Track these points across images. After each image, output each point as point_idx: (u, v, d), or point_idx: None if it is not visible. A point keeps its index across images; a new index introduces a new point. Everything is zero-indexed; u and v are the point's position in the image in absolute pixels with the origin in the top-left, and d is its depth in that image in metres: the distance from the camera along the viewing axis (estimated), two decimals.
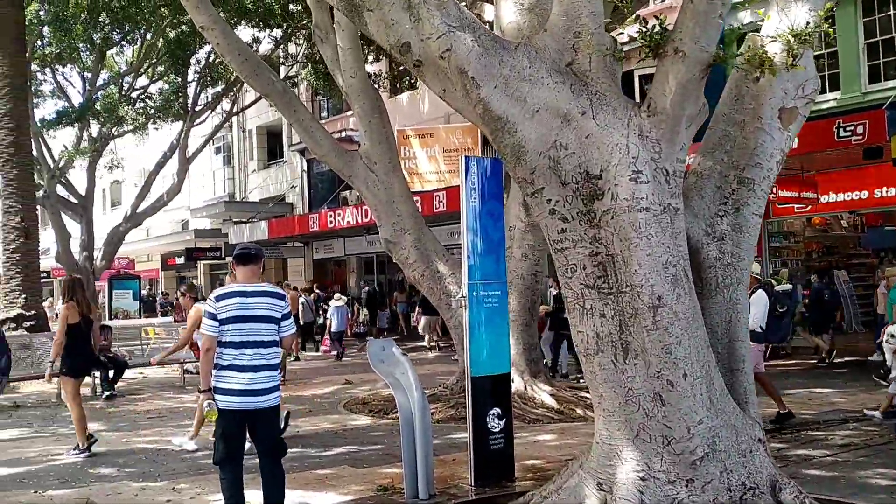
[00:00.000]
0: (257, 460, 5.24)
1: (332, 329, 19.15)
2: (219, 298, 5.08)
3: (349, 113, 28.86)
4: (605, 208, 4.28)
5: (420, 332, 20.70)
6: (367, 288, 25.54)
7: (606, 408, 4.47)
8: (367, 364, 6.69)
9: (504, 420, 6.64)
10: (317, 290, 24.84)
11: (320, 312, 22.38)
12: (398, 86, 27.52)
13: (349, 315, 20.71)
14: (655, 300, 4.23)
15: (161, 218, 41.25)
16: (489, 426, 6.55)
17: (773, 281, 9.94)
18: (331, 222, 25.24)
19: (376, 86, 18.77)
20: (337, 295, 21.33)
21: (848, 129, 13.55)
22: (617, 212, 4.24)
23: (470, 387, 6.48)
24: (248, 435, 5.21)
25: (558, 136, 4.35)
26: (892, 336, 8.65)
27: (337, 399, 12.03)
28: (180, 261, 37.28)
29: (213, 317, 5.02)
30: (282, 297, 5.24)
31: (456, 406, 10.22)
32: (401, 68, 27.45)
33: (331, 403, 11.63)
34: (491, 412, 6.56)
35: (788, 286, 10.15)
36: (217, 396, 5.01)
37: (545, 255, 11.15)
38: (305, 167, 32.12)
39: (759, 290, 9.19)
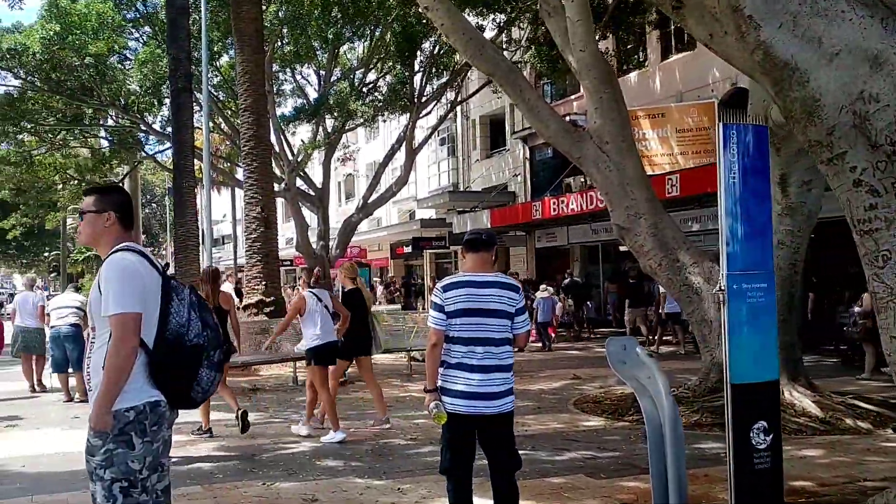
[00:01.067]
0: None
1: (538, 320, 18.92)
2: (446, 288, 4.56)
3: (573, 97, 28.02)
4: None
5: (627, 324, 19.76)
6: (568, 279, 24.73)
7: None
8: (595, 358, 5.98)
9: (771, 435, 5.59)
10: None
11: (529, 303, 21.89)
12: (626, 66, 26.24)
13: (555, 305, 20.04)
14: None
15: (390, 209, 42.79)
16: (753, 442, 5.54)
17: None
18: (554, 210, 24.56)
19: None
20: (542, 286, 21.01)
21: None
22: None
23: (730, 396, 5.50)
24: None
25: (867, 84, 3.35)
26: None
27: (566, 396, 11.34)
28: (407, 250, 38.25)
29: (439, 308, 4.51)
30: (517, 290, 4.63)
31: (701, 411, 9.18)
32: (628, 47, 26.16)
33: (559, 401, 10.95)
34: (755, 426, 5.54)
35: None
36: (444, 398, 4.49)
37: (805, 241, 9.76)
38: (528, 155, 31.67)
39: None
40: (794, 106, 3.51)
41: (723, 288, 5.47)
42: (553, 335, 19.91)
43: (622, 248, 27.23)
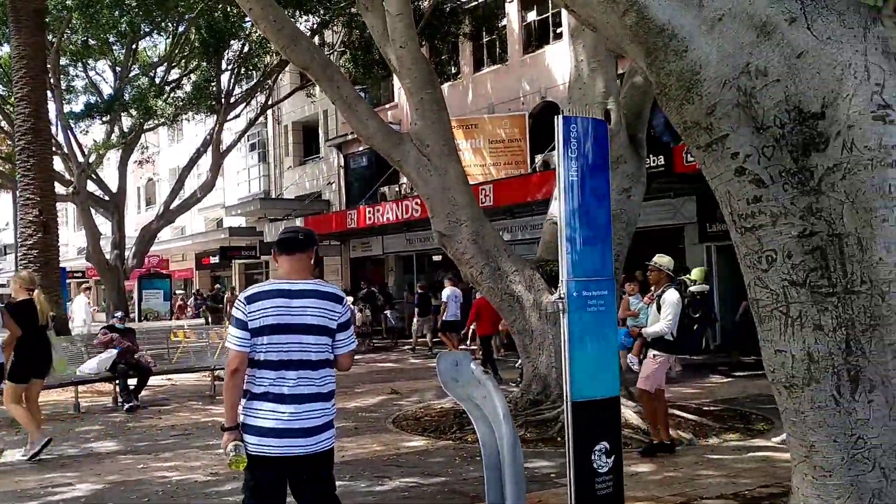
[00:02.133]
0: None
1: None
2: (251, 299, 3.67)
3: (388, 105, 27.57)
4: (830, 163, 2.81)
5: (414, 334, 19.89)
6: (364, 288, 24.40)
7: (819, 464, 3.00)
8: (412, 370, 5.34)
9: (613, 457, 5.17)
10: None
11: None
12: (440, 77, 26.11)
13: (355, 315, 19.66)
14: None
15: (196, 216, 40.41)
16: (595, 465, 5.08)
17: (686, 280, 8.23)
18: (369, 219, 23.96)
19: None
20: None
21: None
22: (852, 168, 2.77)
23: (570, 415, 5.01)
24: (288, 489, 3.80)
25: (752, 56, 2.90)
26: None
27: (384, 413, 10.64)
28: (215, 260, 36.23)
29: (241, 325, 3.62)
30: (339, 300, 3.81)
31: (525, 426, 8.77)
32: (442, 58, 26.07)
33: (378, 419, 10.23)
34: (597, 448, 5.09)
35: (705, 287, 8.32)
36: (247, 437, 3.63)
37: (626, 251, 9.67)
38: (343, 163, 30.88)
39: (671, 290, 7.73)
40: (669, 80, 3.01)
41: (562, 296, 4.99)
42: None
43: (436, 258, 27.20)
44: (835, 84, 2.80)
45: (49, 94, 18.01)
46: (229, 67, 25.10)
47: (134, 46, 24.49)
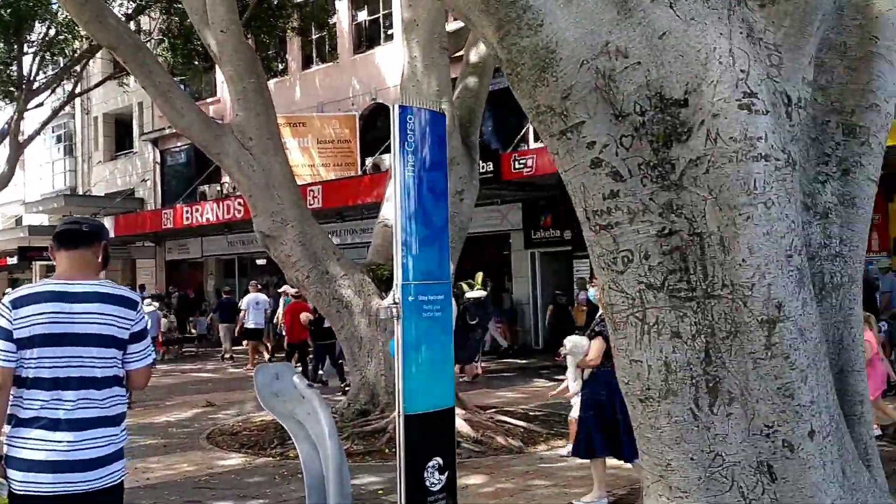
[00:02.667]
0: None
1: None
2: (17, 303, 2.97)
3: (210, 100, 26.21)
4: (693, 155, 2.56)
5: (223, 340, 19.31)
6: (176, 292, 23.27)
7: (676, 484, 2.75)
8: (230, 380, 4.79)
9: (447, 473, 4.82)
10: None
11: None
12: (267, 73, 25.12)
13: (160, 320, 18.88)
14: (773, 309, 2.55)
15: None
16: (427, 483, 4.71)
17: (464, 286, 8.13)
18: (187, 219, 22.62)
19: None
20: (147, 300, 19.52)
21: None
22: (716, 160, 2.53)
23: (402, 429, 4.61)
24: None
25: (612, 34, 2.61)
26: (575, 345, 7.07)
27: (198, 428, 9.82)
28: (12, 261, 33.05)
29: (5, 334, 2.95)
30: (133, 305, 3.16)
31: (351, 438, 8.31)
32: (269, 53, 25.10)
33: (191, 435, 9.41)
34: (430, 464, 4.72)
35: (482, 293, 7.99)
36: (11, 473, 2.94)
37: (458, 256, 9.44)
38: (159, 159, 29.12)
39: None
40: (521, 59, 2.67)
41: (396, 301, 4.58)
42: (161, 351, 18.82)
43: (260, 262, 26.13)
44: (699, 69, 2.56)
45: None
46: (32, 51, 22.91)
47: None
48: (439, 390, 4.79)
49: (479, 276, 11.51)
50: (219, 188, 24.81)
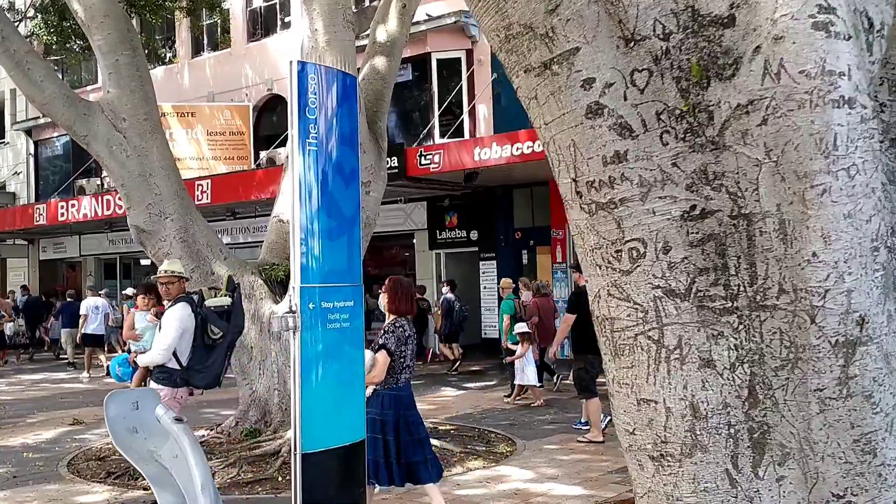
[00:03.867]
0: None
1: None
2: None
3: (90, 88, 24.28)
4: (742, 99, 1.73)
5: (63, 345, 18.22)
6: (25, 296, 21.56)
7: None
8: (105, 391, 3.72)
9: None
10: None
11: None
12: (153, 59, 23.44)
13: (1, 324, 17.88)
14: (853, 327, 1.75)
15: None
16: None
17: (204, 291, 6.92)
18: (62, 215, 20.73)
19: None
20: None
21: None
22: (779, 106, 1.71)
23: (300, 471, 3.64)
24: None
25: None
26: None
27: (59, 452, 8.50)
28: None
29: None
30: None
31: (239, 464, 7.23)
32: (156, 38, 23.41)
33: (49, 461, 8.07)
34: None
35: (226, 300, 6.62)
36: None
37: (363, 253, 8.46)
38: (32, 150, 26.84)
39: (178, 305, 5.85)
40: None
41: (293, 308, 3.61)
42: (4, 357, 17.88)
43: (144, 262, 24.35)
44: None
45: None
46: None
47: None
48: (347, 420, 3.86)
49: (226, 276, 9.74)
50: (98, 182, 22.96)
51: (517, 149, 13.77)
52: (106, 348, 17.12)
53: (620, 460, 7.34)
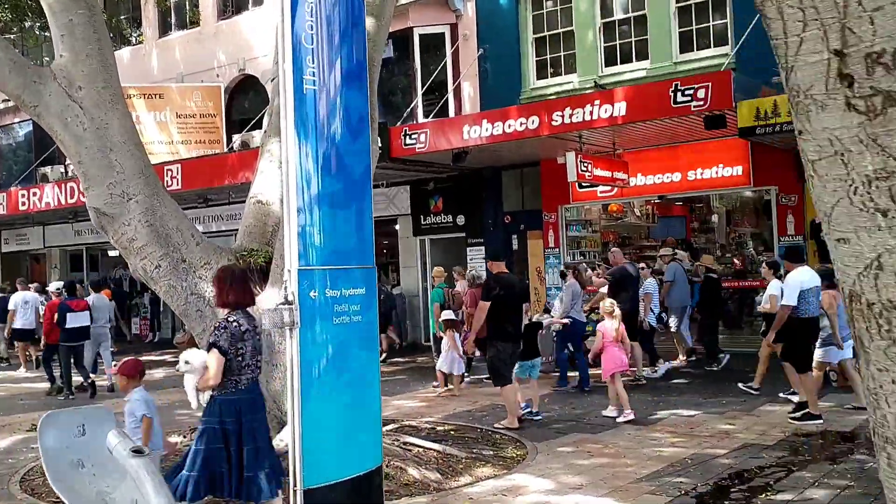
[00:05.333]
0: None
1: None
2: None
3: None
4: None
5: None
6: None
7: None
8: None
9: None
10: None
11: None
12: (118, 40, 22.27)
13: None
14: None
15: None
16: None
17: None
18: (24, 204, 19.58)
19: None
20: None
21: (687, 93, 11.43)
22: None
23: None
24: None
25: None
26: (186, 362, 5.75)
27: (12, 465, 7.55)
28: None
29: None
30: None
31: None
32: (122, 17, 22.24)
33: (0, 477, 7.15)
34: None
35: None
36: None
37: None
38: None
39: None
40: None
41: (291, 298, 2.74)
42: None
43: (113, 254, 23.22)
44: None
45: None
46: None
47: None
48: (360, 444, 2.99)
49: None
50: (62, 170, 21.82)
51: (509, 126, 12.92)
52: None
53: (647, 463, 6.57)
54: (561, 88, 15.40)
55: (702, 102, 11.30)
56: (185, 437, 7.78)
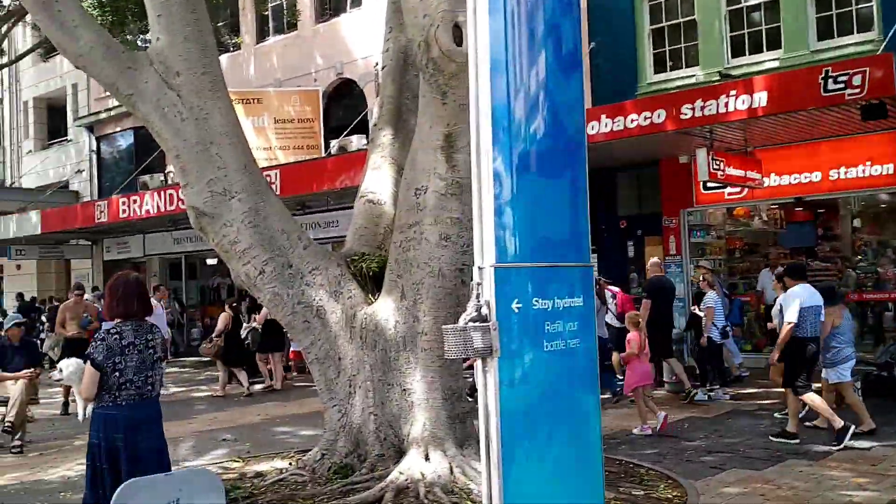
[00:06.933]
0: None
1: None
2: None
3: None
4: None
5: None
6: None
7: None
8: None
9: None
10: None
11: None
12: (217, 46, 22.06)
13: None
14: None
15: None
16: None
17: None
18: (124, 212, 19.45)
19: None
20: None
21: (840, 80, 10.09)
22: None
23: None
24: None
25: None
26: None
27: None
28: None
29: None
30: None
31: None
32: (219, 24, 22.06)
33: None
34: None
35: None
36: None
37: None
38: (95, 146, 25.85)
39: None
40: None
41: (485, 312, 1.78)
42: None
43: (211, 262, 23.03)
44: None
45: None
46: None
47: None
48: (575, 479, 2.02)
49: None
50: (163, 178, 21.77)
51: (631, 120, 11.80)
52: None
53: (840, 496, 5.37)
54: (683, 82, 14.16)
55: (858, 90, 9.95)
56: (290, 462, 6.99)
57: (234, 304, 14.37)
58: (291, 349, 16.08)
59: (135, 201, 19.21)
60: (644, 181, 14.89)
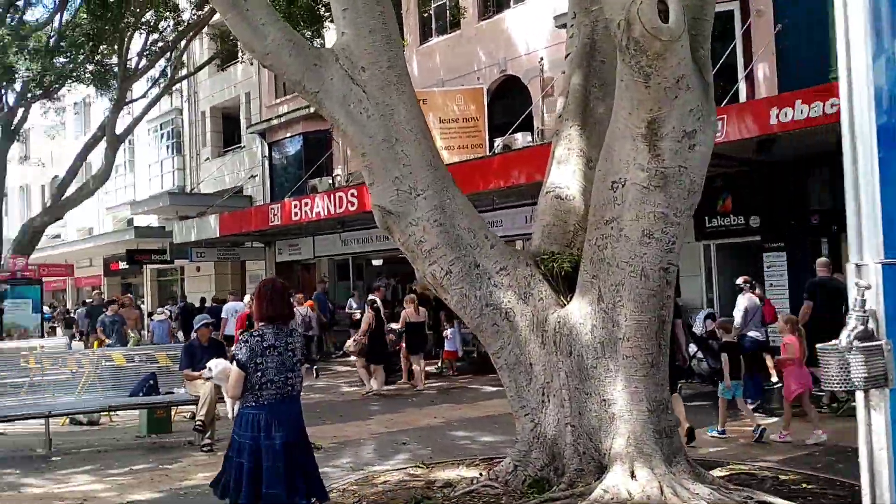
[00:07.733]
0: None
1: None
2: None
3: None
4: None
5: None
6: (182, 303, 21.11)
7: None
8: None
9: None
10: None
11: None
12: None
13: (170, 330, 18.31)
14: None
15: (103, 215, 35.80)
16: None
17: None
18: (296, 214, 19.96)
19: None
20: (160, 308, 19.78)
21: None
22: None
23: None
24: None
25: None
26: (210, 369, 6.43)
27: None
28: (123, 265, 31.70)
29: None
30: None
31: None
32: None
33: None
34: None
35: None
36: None
37: (683, 232, 6.05)
38: (266, 152, 26.85)
39: None
40: None
41: (870, 327, 1.29)
42: None
43: (376, 262, 23.35)
44: None
45: None
46: (131, 27, 20.84)
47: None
48: None
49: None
50: (331, 181, 22.26)
51: (832, 105, 10.72)
52: None
53: None
54: None
55: None
56: (480, 473, 6.67)
57: (375, 305, 14.51)
58: (445, 349, 16.12)
59: (306, 204, 19.69)
60: (840, 172, 13.59)
